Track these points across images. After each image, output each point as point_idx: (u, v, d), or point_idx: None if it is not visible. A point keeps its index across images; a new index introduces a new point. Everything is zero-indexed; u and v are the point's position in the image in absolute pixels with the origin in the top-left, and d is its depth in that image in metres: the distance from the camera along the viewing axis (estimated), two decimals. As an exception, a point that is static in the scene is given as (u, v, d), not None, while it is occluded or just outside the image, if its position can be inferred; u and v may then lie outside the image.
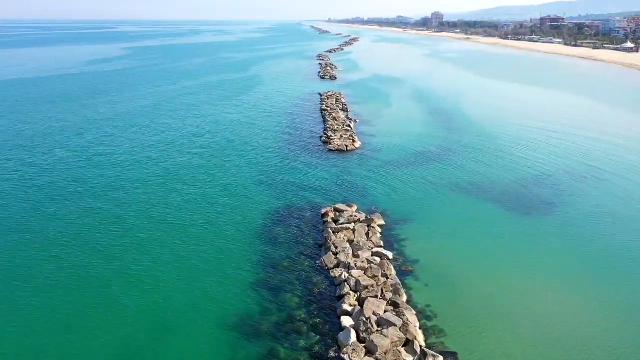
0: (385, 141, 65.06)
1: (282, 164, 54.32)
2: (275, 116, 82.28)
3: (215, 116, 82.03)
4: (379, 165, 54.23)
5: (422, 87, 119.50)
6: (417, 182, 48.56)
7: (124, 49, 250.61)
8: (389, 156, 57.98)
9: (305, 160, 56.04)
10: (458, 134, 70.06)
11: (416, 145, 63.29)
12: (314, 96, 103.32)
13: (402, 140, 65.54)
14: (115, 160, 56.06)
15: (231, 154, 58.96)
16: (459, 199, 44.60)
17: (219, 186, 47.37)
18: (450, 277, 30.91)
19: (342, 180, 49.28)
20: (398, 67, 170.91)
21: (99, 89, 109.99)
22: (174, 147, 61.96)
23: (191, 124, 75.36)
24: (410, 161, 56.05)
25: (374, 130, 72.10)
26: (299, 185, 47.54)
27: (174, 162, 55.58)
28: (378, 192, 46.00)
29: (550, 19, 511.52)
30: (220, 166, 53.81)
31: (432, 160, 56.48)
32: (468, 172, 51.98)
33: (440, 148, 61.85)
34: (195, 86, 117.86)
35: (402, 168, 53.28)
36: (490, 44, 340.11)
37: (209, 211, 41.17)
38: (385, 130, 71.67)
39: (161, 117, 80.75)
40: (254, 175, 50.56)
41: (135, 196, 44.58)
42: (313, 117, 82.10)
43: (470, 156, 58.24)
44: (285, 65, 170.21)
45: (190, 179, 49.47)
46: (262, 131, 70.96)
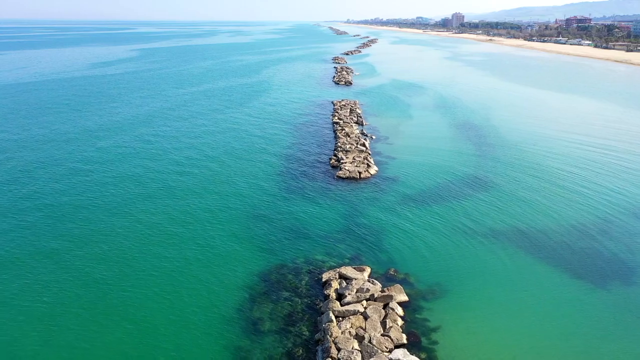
0: (407, 166, 54.55)
1: (280, 199, 44.28)
2: (281, 130, 72.40)
3: (214, 130, 72.46)
4: (398, 201, 43.82)
5: (445, 95, 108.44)
6: (449, 229, 38.06)
7: (134, 50, 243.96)
8: (411, 188, 47.50)
9: (309, 192, 45.91)
10: (494, 156, 59.18)
11: (445, 172, 52.67)
12: (327, 105, 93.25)
13: (426, 165, 54.96)
14: (94, 178, 46.81)
15: (221, 182, 49.15)
16: (508, 255, 33.92)
17: (190, 241, 35.68)
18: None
19: (352, 223, 39.03)
20: (418, 71, 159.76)
21: (94, 95, 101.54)
22: (156, 165, 52.51)
23: (184, 139, 65.89)
24: (439, 196, 45.49)
25: (393, 150, 61.63)
26: (298, 232, 37.43)
27: (143, 188, 46.07)
28: (398, 243, 35.62)
29: (576, 20, 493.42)
30: (202, 202, 43.98)
31: (466, 195, 45.82)
32: (514, 214, 41.22)
33: (474, 177, 51.10)
34: (199, 93, 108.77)
35: (428, 206, 42.79)
36: (514, 46, 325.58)
37: (166, 289, 30.16)
38: (406, 151, 61.14)
39: (151, 128, 71.54)
40: (243, 215, 40.60)
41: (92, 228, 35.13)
42: (323, 131, 72.00)
43: (514, 189, 47.42)
44: (299, 69, 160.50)
45: (153, 226, 39.81)
46: (263, 150, 61.09)
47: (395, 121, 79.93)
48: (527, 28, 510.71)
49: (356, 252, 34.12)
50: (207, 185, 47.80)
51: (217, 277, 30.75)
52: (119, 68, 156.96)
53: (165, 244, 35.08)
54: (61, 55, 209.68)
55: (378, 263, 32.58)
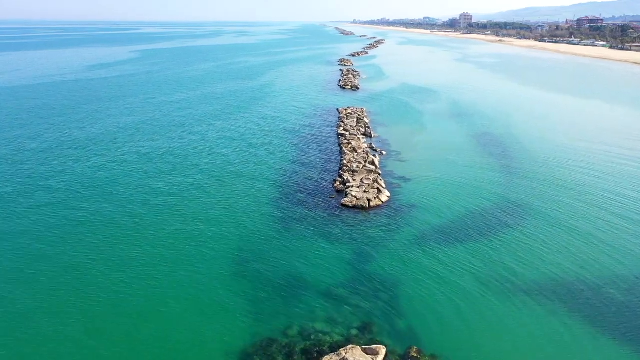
0: (424, 190, 47.02)
1: (274, 236, 36.89)
2: (281, 142, 65.09)
3: (209, 141, 65.21)
4: (418, 240, 36.34)
5: (460, 100, 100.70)
6: (487, 279, 30.55)
7: (135, 51, 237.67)
8: (432, 220, 40.01)
9: (309, 226, 38.51)
10: (524, 174, 51.51)
11: (470, 196, 45.13)
12: (332, 113, 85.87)
13: (447, 188, 47.42)
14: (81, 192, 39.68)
15: (210, 207, 41.86)
16: (562, 323, 26.43)
17: (148, 316, 28.06)
18: None
19: (361, 272, 31.62)
20: (428, 74, 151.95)
21: (85, 100, 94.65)
22: (139, 185, 45.34)
23: (175, 151, 58.69)
24: (468, 230, 37.96)
25: (406, 168, 54.10)
26: (293, 285, 30.07)
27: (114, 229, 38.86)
28: (420, 304, 28.15)
29: (588, 20, 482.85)
30: (181, 241, 36.71)
31: (500, 227, 38.23)
32: (568, 254, 33.62)
33: (506, 202, 43.50)
34: (196, 98, 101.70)
35: (455, 245, 35.30)
36: (525, 47, 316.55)
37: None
38: (421, 170, 53.59)
39: (143, 138, 64.42)
40: (227, 262, 33.25)
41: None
42: (328, 144, 64.63)
43: (559, 216, 39.79)
44: (303, 72, 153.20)
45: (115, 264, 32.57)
46: (260, 167, 53.75)
47: (407, 132, 72.39)
48: (537, 28, 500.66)
49: (366, 318, 26.68)
50: (194, 211, 40.54)
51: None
52: (116, 71, 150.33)
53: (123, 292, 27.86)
54: (59, 57, 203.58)
55: (396, 337, 25.15)
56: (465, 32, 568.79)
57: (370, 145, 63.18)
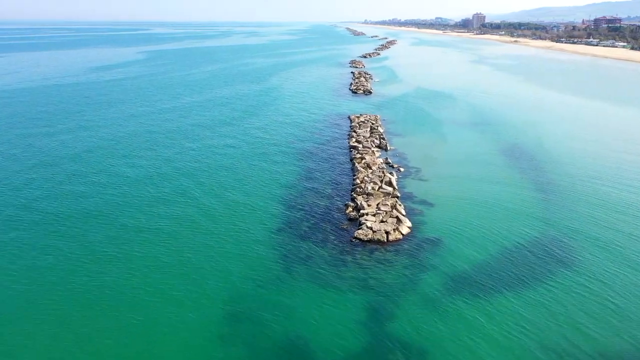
0: (451, 217, 40.24)
1: (268, 286, 30.39)
2: (288, 155, 58.65)
3: (207, 155, 58.94)
4: (450, 287, 29.62)
5: (481, 107, 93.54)
6: (550, 346, 23.83)
7: (142, 52, 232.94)
8: (464, 258, 33.24)
9: (313, 271, 31.87)
10: (563, 193, 44.52)
11: (506, 224, 38.29)
12: (343, 121, 79.30)
13: (478, 213, 40.56)
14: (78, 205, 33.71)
15: (200, 241, 35.55)
16: None
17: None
18: None
19: (379, 339, 25.01)
20: (444, 77, 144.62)
21: (83, 105, 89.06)
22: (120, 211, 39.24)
23: (173, 162, 52.52)
24: (509, 272, 31.16)
25: (428, 190, 47.32)
26: (291, 352, 23.61)
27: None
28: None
29: (605, 20, 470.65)
30: (159, 293, 30.41)
31: (550, 268, 31.39)
32: (637, 318, 26.81)
33: (552, 233, 36.60)
34: (200, 103, 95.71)
35: (498, 293, 28.55)
36: (542, 47, 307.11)
37: None
38: (446, 192, 46.78)
39: (139, 148, 58.36)
40: (208, 322, 26.86)
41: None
42: (338, 158, 58.05)
43: (616, 256, 32.84)
44: (313, 74, 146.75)
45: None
46: (262, 186, 47.35)
47: (426, 143, 65.52)
48: (552, 29, 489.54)
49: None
50: (183, 248, 34.22)
51: None
52: (119, 73, 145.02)
53: None
54: (62, 58, 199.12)
55: None
56: (478, 33, 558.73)
57: (386, 160, 56.44)
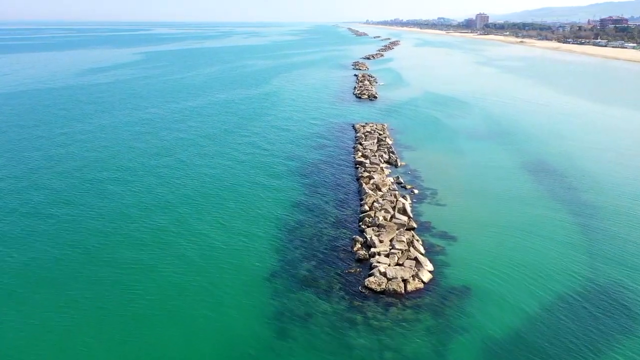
0: (481, 255, 33.49)
1: (257, 357, 23.83)
2: (285, 173, 52.02)
3: (195, 169, 52.35)
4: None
5: (497, 114, 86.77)
6: None
7: (139, 53, 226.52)
8: (502, 318, 26.53)
9: (312, 339, 25.20)
10: (615, 224, 37.74)
11: (550, 264, 31.55)
12: (347, 130, 72.75)
13: (513, 252, 33.85)
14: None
15: (179, 296, 28.99)
16: None
17: None
18: None
19: None
20: (452, 80, 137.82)
21: (65, 113, 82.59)
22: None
23: (151, 187, 45.95)
24: (563, 337, 24.48)
25: (449, 216, 40.62)
26: None
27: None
28: None
29: (612, 20, 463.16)
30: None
31: (617, 336, 24.74)
32: None
33: (605, 278, 29.87)
34: (193, 110, 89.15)
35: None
36: (550, 48, 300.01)
37: None
38: (469, 217, 40.04)
39: (114, 166, 51.75)
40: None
41: None
42: (343, 177, 51.42)
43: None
44: (315, 77, 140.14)
45: None
46: (254, 215, 40.73)
47: (440, 158, 58.83)
48: (558, 29, 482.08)
49: None
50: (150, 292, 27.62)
51: None
52: (112, 76, 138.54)
53: None
54: (55, 59, 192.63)
55: None
56: (482, 33, 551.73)
57: (396, 179, 49.75)
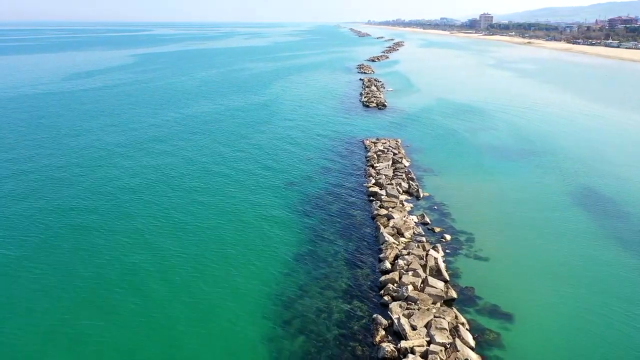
0: (552, 343, 24.09)
1: None
2: (281, 211, 42.57)
3: (176, 199, 42.93)
4: None
5: (524, 127, 77.11)
6: None
7: (133, 56, 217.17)
8: None
9: None
10: None
11: None
12: (356, 147, 63.36)
13: (593, 340, 24.43)
14: None
15: None
16: None
17: None
18: None
19: None
20: (466, 85, 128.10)
21: (38, 124, 73.26)
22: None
23: (129, 217, 36.66)
24: None
25: (495, 276, 31.13)
26: None
27: None
28: None
29: (621, 20, 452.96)
30: None
31: None
32: None
33: None
34: (181, 119, 79.80)
35: None
36: (561, 50, 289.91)
37: None
38: (524, 279, 30.54)
39: (87, 193, 42.46)
40: None
41: None
42: (353, 211, 41.97)
43: None
44: (317, 82, 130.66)
45: None
46: (243, 281, 31.35)
47: (469, 187, 49.23)
48: (565, 29, 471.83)
49: None
50: None
51: None
52: (100, 80, 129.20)
53: None
54: (44, 62, 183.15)
55: None
56: (487, 34, 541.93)
57: (421, 218, 40.23)
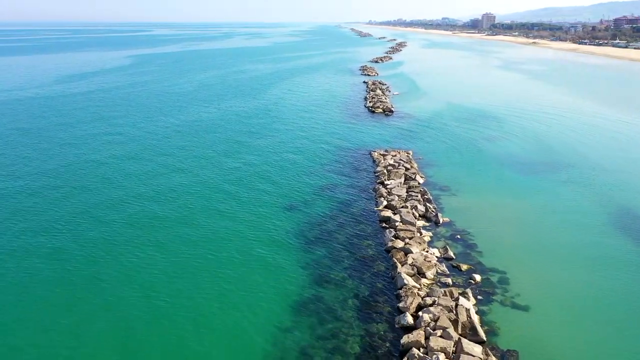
0: None
1: None
2: (279, 238, 36.47)
3: (159, 231, 36.89)
4: None
5: (546, 136, 70.90)
6: None
7: (129, 57, 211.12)
8: None
9: None
10: None
11: None
12: (363, 160, 57.27)
13: None
14: None
15: None
16: None
17: None
18: None
19: None
20: (476, 89, 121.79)
21: (28, 124, 67.33)
22: None
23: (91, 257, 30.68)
24: None
25: (544, 334, 25.08)
26: None
27: None
28: None
29: (627, 20, 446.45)
30: None
31: None
32: None
33: None
34: (175, 127, 73.85)
35: None
36: (567, 50, 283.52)
37: None
38: (582, 336, 24.49)
39: (66, 213, 36.46)
40: None
41: None
42: (362, 241, 35.87)
43: None
44: (320, 85, 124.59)
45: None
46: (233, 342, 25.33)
47: (494, 209, 43.03)
48: (570, 29, 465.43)
49: None
50: None
51: None
52: (92, 83, 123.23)
53: None
54: (41, 63, 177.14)
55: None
56: (489, 34, 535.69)
57: (444, 252, 34.06)
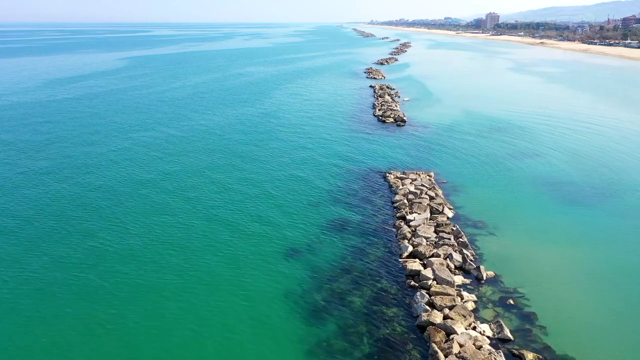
0: None
1: None
2: (277, 306, 28.35)
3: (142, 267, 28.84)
4: None
5: (586, 153, 62.44)
6: None
7: (125, 59, 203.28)
8: None
9: None
10: None
11: None
12: (376, 186, 48.99)
13: None
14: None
15: None
16: None
17: None
18: None
19: None
20: (492, 93, 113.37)
21: (9, 133, 59.46)
22: None
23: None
24: None
25: None
26: None
27: None
28: None
29: (635, 19, 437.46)
30: None
31: None
32: None
33: None
34: (165, 138, 65.86)
35: None
36: (578, 50, 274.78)
37: None
38: None
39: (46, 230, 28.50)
40: None
41: None
42: (385, 303, 27.64)
43: None
44: (324, 89, 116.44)
45: None
46: None
47: (544, 256, 34.72)
48: (577, 29, 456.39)
49: None
50: None
51: None
52: (82, 87, 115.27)
53: None
54: (33, 65, 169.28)
55: None
56: (494, 34, 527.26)
57: (498, 331, 25.69)
